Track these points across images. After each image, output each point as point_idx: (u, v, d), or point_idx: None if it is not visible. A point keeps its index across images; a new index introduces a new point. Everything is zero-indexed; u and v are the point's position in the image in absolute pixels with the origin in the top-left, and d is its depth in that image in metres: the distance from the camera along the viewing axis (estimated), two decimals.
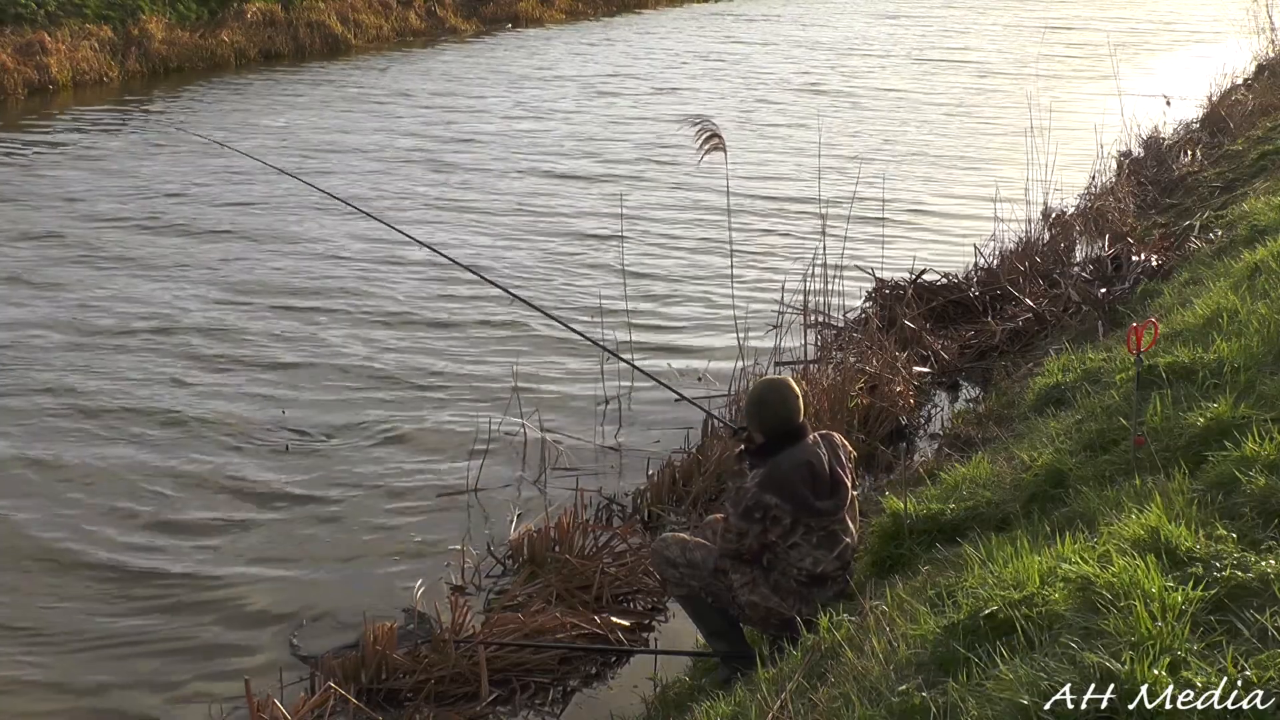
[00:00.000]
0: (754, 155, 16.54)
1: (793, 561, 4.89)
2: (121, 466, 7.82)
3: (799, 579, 4.90)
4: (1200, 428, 4.61)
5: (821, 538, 4.89)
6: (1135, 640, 3.02)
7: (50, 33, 21.80)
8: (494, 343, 9.95)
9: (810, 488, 4.84)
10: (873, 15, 32.88)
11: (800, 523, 4.84)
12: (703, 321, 10.39)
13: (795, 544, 4.87)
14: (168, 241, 12.64)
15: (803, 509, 4.82)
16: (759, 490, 4.83)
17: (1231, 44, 20.52)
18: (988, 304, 9.80)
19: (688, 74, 23.69)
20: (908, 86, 22.41)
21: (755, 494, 4.83)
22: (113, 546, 6.90)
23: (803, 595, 4.90)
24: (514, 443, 8.01)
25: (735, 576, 4.98)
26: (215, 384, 9.08)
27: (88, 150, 16.76)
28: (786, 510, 4.82)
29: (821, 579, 4.91)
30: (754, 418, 5.02)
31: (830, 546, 4.91)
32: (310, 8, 26.03)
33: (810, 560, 4.88)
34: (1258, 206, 9.02)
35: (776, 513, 4.82)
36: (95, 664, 5.93)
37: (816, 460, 4.89)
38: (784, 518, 4.83)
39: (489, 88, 21.77)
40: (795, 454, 4.88)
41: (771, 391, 5.01)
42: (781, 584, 4.92)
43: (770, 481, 4.83)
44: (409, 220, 13.04)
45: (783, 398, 4.97)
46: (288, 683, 5.51)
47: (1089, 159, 13.63)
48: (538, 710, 5.56)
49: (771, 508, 4.81)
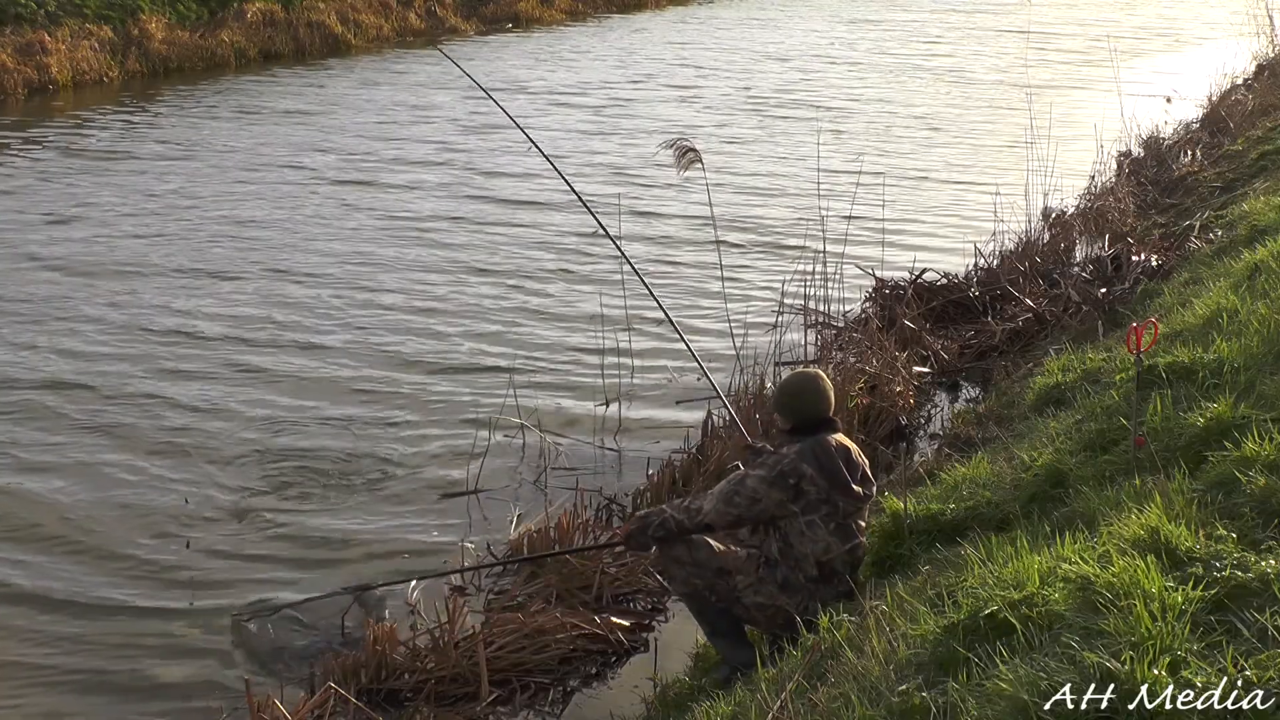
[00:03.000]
0: (754, 155, 16.54)
1: (805, 545, 4.94)
2: (120, 462, 7.82)
3: (809, 574, 4.95)
4: (1200, 428, 4.62)
5: (839, 525, 4.96)
6: (1135, 640, 3.02)
7: (50, 33, 21.77)
8: (494, 342, 9.94)
9: (848, 468, 4.97)
10: (866, 20, 32.85)
11: (826, 502, 4.91)
12: (702, 321, 10.37)
13: (813, 522, 4.92)
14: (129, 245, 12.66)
15: (837, 486, 4.91)
16: (797, 458, 4.93)
17: (1231, 44, 20.50)
18: (988, 304, 9.80)
19: (697, 73, 23.66)
20: (906, 86, 22.40)
21: (794, 460, 4.93)
22: (112, 543, 6.90)
23: (810, 592, 4.94)
24: (514, 443, 8.01)
25: (740, 578, 5.02)
26: (215, 383, 9.09)
27: (87, 149, 16.76)
28: (820, 485, 4.91)
29: (829, 575, 4.94)
30: (790, 408, 5.15)
31: (844, 538, 4.97)
32: (310, 8, 26.02)
33: (823, 546, 4.94)
34: (1258, 206, 9.02)
35: (807, 485, 4.91)
36: (94, 664, 5.92)
37: (852, 450, 5.07)
38: (812, 491, 4.90)
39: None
40: (835, 437, 5.06)
41: (810, 382, 5.17)
42: (791, 580, 4.96)
43: (811, 453, 4.95)
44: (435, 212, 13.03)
45: (822, 390, 5.14)
46: (287, 682, 5.51)
47: (1089, 159, 13.62)
48: (538, 710, 5.56)
49: (805, 477, 4.91)
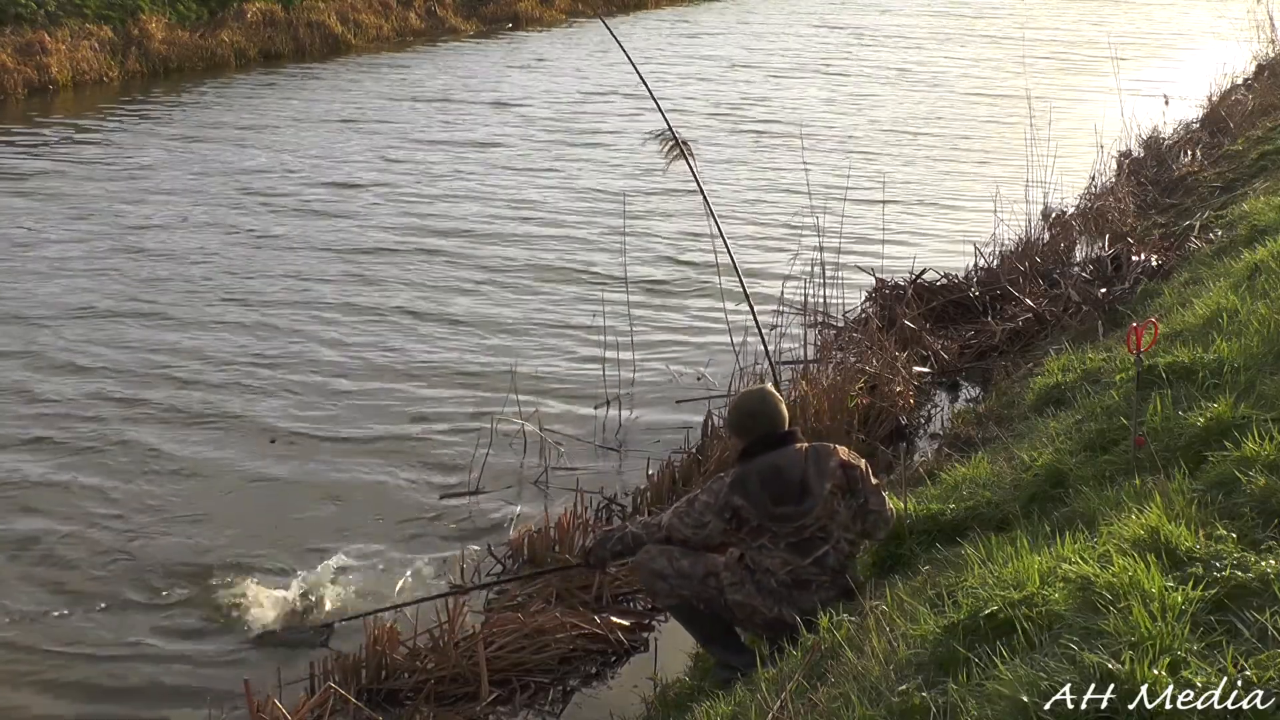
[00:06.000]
0: (754, 156, 16.55)
1: (765, 564, 4.94)
2: (121, 458, 7.82)
3: (780, 580, 4.94)
4: (1200, 428, 4.62)
5: (791, 544, 4.92)
6: (1135, 640, 3.02)
7: (50, 33, 21.76)
8: (494, 342, 9.94)
9: (772, 492, 4.90)
10: (862, 21, 32.86)
11: (765, 527, 4.91)
12: (702, 321, 10.38)
13: (764, 545, 4.94)
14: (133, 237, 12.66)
15: (763, 513, 4.90)
16: (729, 491, 4.95)
17: (1231, 46, 20.51)
18: (988, 304, 9.79)
19: (705, 72, 23.68)
20: (908, 87, 22.40)
21: (726, 494, 4.95)
22: (112, 541, 6.90)
23: (784, 597, 4.93)
24: (514, 443, 8.01)
25: (725, 574, 5.02)
26: (213, 383, 9.08)
27: (85, 149, 16.76)
28: (752, 512, 4.91)
29: (804, 582, 4.93)
30: (734, 426, 5.17)
31: (803, 552, 4.92)
32: (310, 8, 26.02)
33: (779, 562, 4.92)
34: (1258, 206, 9.02)
35: (744, 513, 4.92)
36: (93, 664, 5.92)
37: (789, 465, 4.95)
38: (751, 519, 4.92)
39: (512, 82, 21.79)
40: (769, 458, 4.98)
41: (751, 402, 5.14)
42: (764, 584, 4.97)
43: (740, 483, 4.95)
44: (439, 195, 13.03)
45: (762, 408, 5.08)
46: (287, 682, 5.51)
47: (1089, 159, 13.63)
48: (538, 710, 5.56)
49: (739, 509, 4.92)
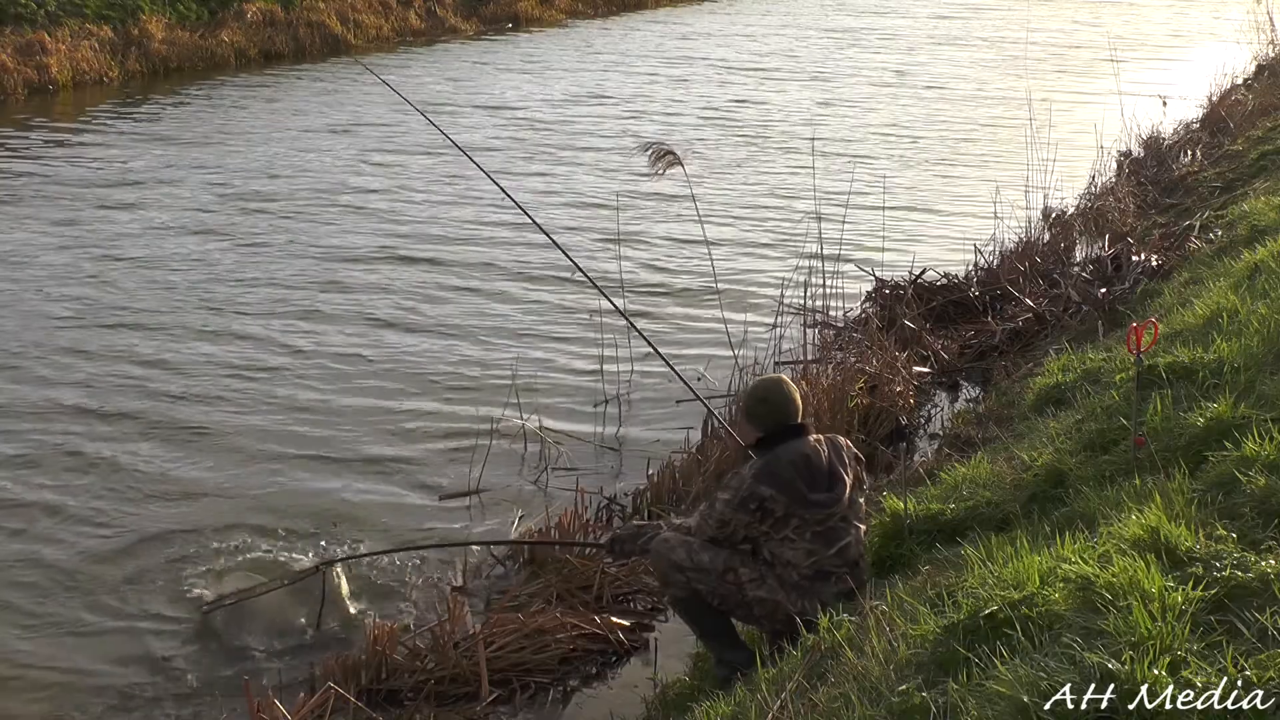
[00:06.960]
0: (754, 159, 16.56)
1: (787, 556, 4.88)
2: (123, 454, 7.82)
3: (803, 573, 4.88)
4: (1200, 428, 4.61)
5: (817, 533, 4.88)
6: (1135, 640, 3.02)
7: (50, 33, 21.75)
8: (494, 342, 9.94)
9: (806, 480, 4.86)
10: (857, 22, 32.87)
11: (794, 515, 4.84)
12: (702, 321, 10.37)
13: (787, 538, 4.86)
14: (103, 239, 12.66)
15: (796, 500, 4.83)
16: (754, 481, 4.85)
17: (1229, 47, 20.51)
18: (988, 304, 9.80)
19: (712, 71, 23.69)
20: (907, 87, 22.40)
21: (750, 485, 4.85)
22: (109, 545, 6.90)
23: (807, 590, 4.87)
24: (514, 443, 8.01)
25: (744, 571, 4.95)
26: (212, 381, 9.09)
27: (86, 149, 16.76)
28: (781, 502, 4.83)
29: (825, 574, 4.88)
30: (755, 415, 5.06)
31: (828, 542, 4.89)
32: (310, 8, 26.02)
33: (804, 554, 4.87)
34: (1258, 206, 9.02)
35: (770, 504, 4.83)
36: (93, 664, 5.92)
37: (815, 454, 4.92)
38: (777, 509, 4.84)
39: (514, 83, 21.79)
40: (795, 446, 4.92)
41: (774, 390, 5.06)
42: (786, 578, 4.90)
43: (766, 472, 4.86)
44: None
45: (786, 396, 5.02)
46: (287, 682, 5.51)
47: (1089, 159, 13.63)
48: (538, 710, 5.56)
49: (766, 499, 4.83)
